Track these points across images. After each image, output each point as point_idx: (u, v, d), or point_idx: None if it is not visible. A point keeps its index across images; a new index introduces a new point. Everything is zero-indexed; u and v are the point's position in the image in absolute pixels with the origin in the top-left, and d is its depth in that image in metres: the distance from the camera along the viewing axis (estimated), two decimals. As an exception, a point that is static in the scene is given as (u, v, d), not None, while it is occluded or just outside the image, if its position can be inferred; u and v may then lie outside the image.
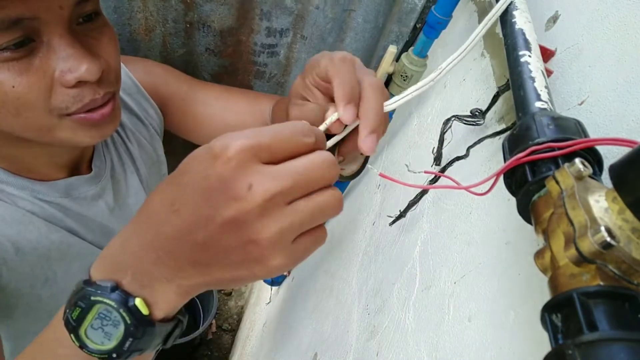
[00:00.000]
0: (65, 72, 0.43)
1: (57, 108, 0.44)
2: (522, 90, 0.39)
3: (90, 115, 0.46)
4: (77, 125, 0.46)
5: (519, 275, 0.41)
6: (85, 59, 0.43)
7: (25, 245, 0.51)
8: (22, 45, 0.40)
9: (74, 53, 0.43)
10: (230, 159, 0.27)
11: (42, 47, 0.42)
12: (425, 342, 0.52)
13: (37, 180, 0.54)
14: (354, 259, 0.90)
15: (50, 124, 0.45)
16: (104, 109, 0.47)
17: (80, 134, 0.47)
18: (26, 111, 0.43)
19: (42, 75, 0.42)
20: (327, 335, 0.88)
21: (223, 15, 0.78)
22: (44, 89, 0.43)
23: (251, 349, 1.74)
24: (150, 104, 0.69)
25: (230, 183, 0.27)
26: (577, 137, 0.32)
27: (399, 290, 0.64)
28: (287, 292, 1.50)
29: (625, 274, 0.25)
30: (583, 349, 0.23)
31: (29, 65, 0.41)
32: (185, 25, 0.78)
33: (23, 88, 0.41)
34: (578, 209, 0.27)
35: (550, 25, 0.50)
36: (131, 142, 0.67)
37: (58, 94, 0.44)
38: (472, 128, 0.58)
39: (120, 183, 0.65)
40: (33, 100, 0.42)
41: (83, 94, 0.45)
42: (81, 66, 0.43)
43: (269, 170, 0.28)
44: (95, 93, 0.45)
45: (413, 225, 0.68)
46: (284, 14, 0.79)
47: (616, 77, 0.38)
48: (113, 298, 0.31)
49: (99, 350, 0.31)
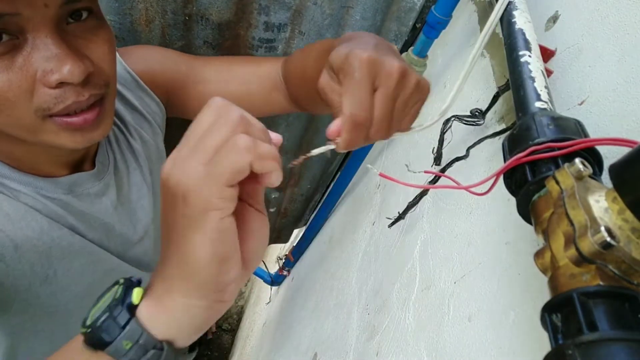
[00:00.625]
0: (47, 72, 0.42)
1: (40, 108, 0.43)
2: (522, 90, 0.39)
3: (72, 120, 0.45)
4: (60, 129, 0.46)
5: (519, 275, 0.41)
6: (69, 59, 0.42)
7: (26, 242, 0.51)
8: (0, 40, 0.40)
9: (58, 53, 0.42)
10: (170, 175, 0.31)
11: (27, 46, 0.41)
12: (425, 341, 0.52)
13: (40, 177, 0.54)
14: (354, 259, 0.90)
15: (34, 125, 0.45)
16: (88, 114, 0.46)
17: (64, 138, 0.46)
18: (7, 109, 0.42)
19: (24, 73, 0.41)
20: (327, 335, 0.88)
21: (221, 8, 0.78)
22: (25, 88, 0.42)
23: (251, 348, 1.74)
24: (151, 98, 0.69)
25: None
26: (577, 137, 0.32)
27: (399, 290, 0.64)
28: (287, 292, 1.50)
29: (625, 274, 0.25)
30: (583, 349, 0.23)
31: (11, 62, 0.41)
32: (184, 17, 0.78)
33: (3, 85, 0.41)
34: (578, 209, 0.27)
35: (550, 25, 0.50)
36: (134, 138, 0.67)
37: (40, 94, 0.43)
38: (472, 128, 0.58)
39: (123, 180, 0.65)
40: (13, 99, 0.42)
41: (66, 95, 0.44)
42: (64, 67, 0.42)
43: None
44: (79, 95, 0.44)
45: (413, 225, 0.68)
46: (282, 9, 0.80)
47: (616, 77, 0.38)
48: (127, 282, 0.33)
49: (85, 324, 0.32)
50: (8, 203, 0.50)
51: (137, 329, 0.32)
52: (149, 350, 0.32)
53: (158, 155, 0.72)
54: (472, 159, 0.56)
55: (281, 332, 1.30)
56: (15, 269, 0.51)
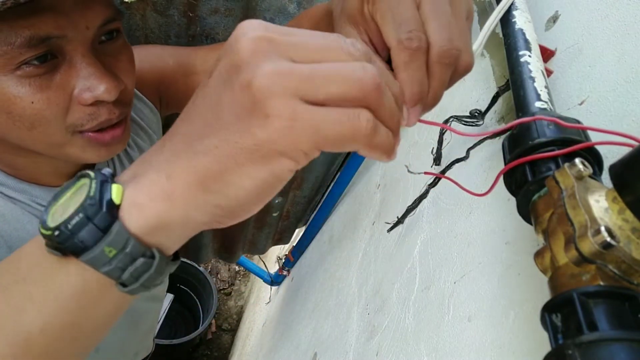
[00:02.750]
0: (84, 90, 0.43)
1: (73, 125, 0.45)
2: (522, 90, 0.39)
3: (102, 136, 0.47)
4: (87, 144, 0.47)
5: (519, 275, 0.41)
6: (105, 78, 0.43)
7: (20, 245, 0.51)
8: (45, 60, 0.41)
9: (94, 72, 0.43)
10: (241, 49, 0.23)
11: (64, 64, 0.42)
12: (425, 341, 0.52)
13: (36, 185, 0.54)
14: (354, 259, 0.90)
15: (62, 141, 0.46)
16: (116, 130, 0.47)
17: (89, 152, 0.47)
18: (41, 126, 0.43)
19: (61, 92, 0.43)
20: (327, 335, 0.88)
21: (228, 26, 0.78)
22: (62, 106, 0.43)
23: (251, 348, 1.74)
24: (144, 104, 0.68)
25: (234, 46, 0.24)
26: (577, 137, 0.32)
27: (398, 290, 0.64)
28: (286, 292, 1.50)
29: (625, 274, 0.25)
30: (583, 348, 0.23)
31: (50, 81, 0.42)
32: (188, 39, 0.78)
33: (42, 105, 0.42)
34: (578, 209, 0.27)
35: (550, 25, 0.50)
36: (131, 148, 0.67)
37: (74, 111, 0.44)
38: (472, 128, 0.58)
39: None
40: (49, 117, 0.43)
41: (99, 113, 0.45)
42: (100, 85, 0.43)
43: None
44: (111, 113, 0.46)
45: (413, 225, 0.68)
46: (287, 19, 0.80)
47: (616, 77, 0.38)
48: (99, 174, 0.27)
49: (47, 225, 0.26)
50: (4, 204, 0.50)
51: (123, 232, 0.26)
52: (137, 259, 0.27)
53: None
54: (471, 159, 0.56)
55: (281, 332, 1.30)
56: None
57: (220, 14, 0.76)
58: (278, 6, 0.77)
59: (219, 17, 0.76)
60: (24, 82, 0.40)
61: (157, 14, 0.73)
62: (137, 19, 0.73)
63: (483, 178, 0.53)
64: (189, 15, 0.75)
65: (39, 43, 0.39)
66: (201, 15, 0.75)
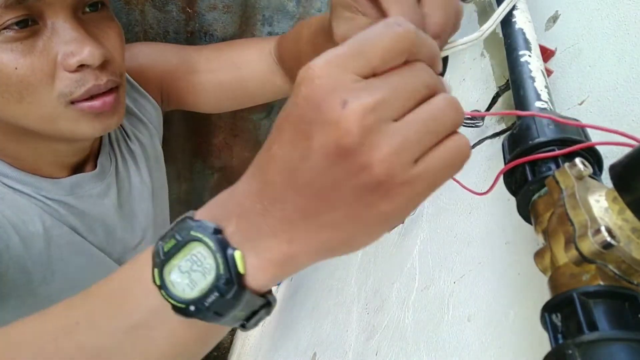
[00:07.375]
0: (68, 55, 0.43)
1: (62, 93, 0.45)
2: (522, 90, 0.39)
3: (93, 104, 0.47)
4: (80, 115, 0.47)
5: (518, 275, 0.41)
6: (87, 41, 0.43)
7: (29, 236, 0.51)
8: (26, 25, 0.41)
9: (77, 37, 0.43)
10: (315, 77, 0.23)
11: (46, 30, 0.43)
12: (424, 341, 0.52)
13: (41, 177, 0.54)
14: (353, 258, 0.90)
15: (54, 113, 0.46)
16: (107, 97, 0.47)
17: (83, 125, 0.48)
18: (29, 95, 0.43)
19: (45, 57, 0.43)
20: (326, 334, 0.88)
21: (226, 23, 0.78)
22: (47, 72, 0.43)
23: (250, 348, 1.74)
24: (145, 99, 0.68)
25: (320, 104, 0.23)
26: (577, 137, 0.32)
27: (398, 290, 0.64)
28: (286, 292, 1.50)
29: (625, 273, 0.25)
30: (583, 348, 0.23)
31: (32, 47, 0.42)
32: (187, 35, 0.78)
33: (26, 70, 0.42)
34: (578, 208, 0.27)
35: (550, 25, 0.50)
36: (132, 141, 0.67)
37: (61, 78, 0.44)
38: (472, 128, 0.58)
39: (124, 182, 0.65)
40: (36, 83, 0.43)
41: (86, 78, 0.45)
42: (84, 49, 0.43)
43: (365, 82, 0.23)
44: (98, 79, 0.46)
45: (412, 225, 0.68)
46: (286, 18, 0.80)
47: (616, 77, 0.38)
48: (213, 239, 0.26)
49: (178, 297, 0.26)
50: (12, 196, 0.51)
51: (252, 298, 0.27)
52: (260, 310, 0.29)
53: (156, 157, 0.72)
54: (471, 159, 0.56)
55: (280, 331, 1.30)
56: (17, 262, 0.51)
57: (219, 11, 0.76)
58: (277, 4, 0.77)
59: (217, 14, 0.76)
60: (5, 47, 0.41)
61: (156, 10, 0.74)
62: (136, 14, 0.74)
63: (483, 178, 0.53)
64: (188, 11, 0.75)
65: (16, 4, 0.39)
66: (200, 11, 0.75)
